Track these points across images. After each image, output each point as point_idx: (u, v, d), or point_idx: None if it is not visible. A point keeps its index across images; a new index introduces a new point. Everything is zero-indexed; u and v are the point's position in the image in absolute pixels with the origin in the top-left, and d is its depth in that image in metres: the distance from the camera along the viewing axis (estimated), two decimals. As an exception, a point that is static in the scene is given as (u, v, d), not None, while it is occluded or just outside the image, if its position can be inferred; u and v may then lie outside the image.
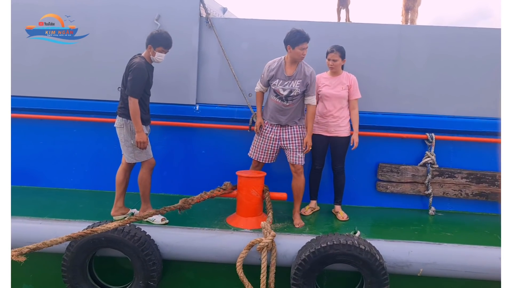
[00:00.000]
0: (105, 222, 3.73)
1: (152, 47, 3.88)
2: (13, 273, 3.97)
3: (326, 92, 4.34)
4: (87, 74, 4.86)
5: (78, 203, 4.56)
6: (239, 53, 4.78)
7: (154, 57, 3.93)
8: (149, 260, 3.62)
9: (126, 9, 4.78)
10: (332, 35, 4.64)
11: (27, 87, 4.90)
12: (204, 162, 4.83)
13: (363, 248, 3.47)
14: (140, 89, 3.80)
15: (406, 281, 3.76)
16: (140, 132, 3.79)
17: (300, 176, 4.20)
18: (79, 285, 3.74)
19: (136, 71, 3.77)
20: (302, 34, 3.89)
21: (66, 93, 4.89)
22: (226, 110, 4.81)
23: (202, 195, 3.96)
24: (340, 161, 4.44)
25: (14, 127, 4.89)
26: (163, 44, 3.87)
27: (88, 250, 3.69)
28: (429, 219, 4.53)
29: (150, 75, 3.97)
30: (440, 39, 4.59)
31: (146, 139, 3.82)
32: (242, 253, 3.64)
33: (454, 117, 4.64)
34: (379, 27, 4.67)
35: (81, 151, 4.99)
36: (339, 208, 4.51)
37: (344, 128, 4.36)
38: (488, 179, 4.59)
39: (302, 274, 3.53)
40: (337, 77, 4.36)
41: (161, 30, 3.96)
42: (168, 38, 3.90)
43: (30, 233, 3.85)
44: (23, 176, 5.04)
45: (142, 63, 3.83)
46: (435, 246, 3.75)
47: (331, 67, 4.30)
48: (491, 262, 3.62)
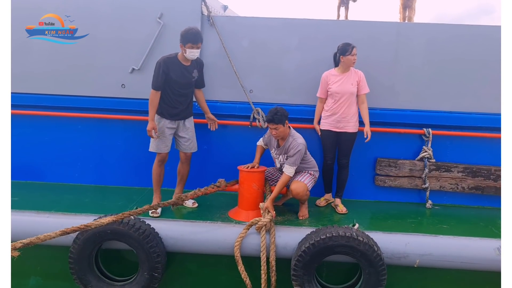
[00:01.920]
0: (110, 215, 3.81)
1: (183, 45, 4.00)
2: (21, 266, 4.13)
3: (337, 88, 4.39)
4: (91, 71, 4.92)
5: (84, 198, 4.65)
6: (240, 50, 4.84)
7: (186, 54, 4.04)
8: (153, 252, 3.72)
9: (129, 9, 4.83)
10: (332, 32, 4.73)
11: (33, 84, 4.97)
12: (206, 156, 4.91)
13: (361, 240, 3.56)
14: (156, 82, 4.00)
15: (403, 272, 3.85)
16: (150, 120, 3.99)
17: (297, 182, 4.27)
18: (85, 276, 3.83)
19: (155, 66, 4.05)
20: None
21: (71, 90, 4.96)
22: (228, 106, 4.89)
23: (196, 191, 4.02)
24: (346, 156, 4.53)
25: (21, 124, 5.02)
26: (191, 40, 3.97)
27: (94, 243, 3.79)
28: (426, 212, 4.62)
29: (174, 71, 4.07)
30: (437, 36, 4.66)
31: (151, 128, 3.96)
32: (241, 233, 3.78)
33: (451, 113, 4.72)
34: (377, 25, 4.74)
35: (86, 147, 5.07)
36: (339, 201, 4.61)
37: (352, 124, 4.44)
38: (484, 173, 4.67)
39: (302, 265, 3.63)
40: (347, 74, 4.42)
41: (189, 28, 4.02)
42: (195, 33, 3.98)
43: (38, 226, 3.92)
44: (30, 172, 5.13)
45: (162, 59, 4.03)
46: (431, 238, 3.84)
47: (354, 62, 4.34)
48: (486, 253, 3.73)
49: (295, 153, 4.06)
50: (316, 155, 4.61)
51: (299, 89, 4.82)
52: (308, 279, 3.69)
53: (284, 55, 4.82)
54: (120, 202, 4.50)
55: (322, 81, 4.51)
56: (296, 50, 4.80)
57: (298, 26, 4.79)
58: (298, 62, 4.81)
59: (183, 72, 4.14)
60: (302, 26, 4.79)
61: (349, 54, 4.29)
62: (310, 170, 4.34)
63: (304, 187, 4.16)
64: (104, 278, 3.97)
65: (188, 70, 4.18)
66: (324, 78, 4.50)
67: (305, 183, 4.19)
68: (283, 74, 4.85)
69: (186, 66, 4.15)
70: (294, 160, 4.07)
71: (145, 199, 4.52)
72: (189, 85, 4.25)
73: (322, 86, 4.52)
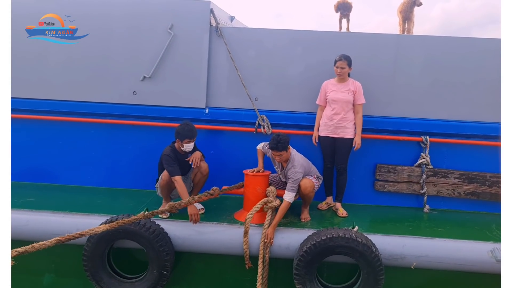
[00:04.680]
0: (122, 216, 4.00)
1: (180, 141, 4.28)
2: (36, 263, 4.34)
3: (333, 96, 4.61)
4: (105, 79, 5.12)
5: (96, 199, 4.84)
6: (246, 60, 5.03)
7: (183, 148, 4.32)
8: (163, 251, 3.90)
9: (141, 20, 5.03)
10: (334, 43, 4.93)
11: (49, 91, 5.16)
12: (213, 161, 5.05)
13: (360, 241, 3.73)
14: (174, 170, 4.20)
15: (400, 274, 4.00)
16: (190, 206, 4.11)
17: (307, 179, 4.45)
18: (98, 273, 4.00)
19: (165, 160, 4.26)
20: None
21: (85, 97, 5.14)
22: (234, 113, 5.07)
23: (190, 200, 4.11)
24: (343, 161, 4.70)
25: (37, 128, 5.23)
26: (188, 136, 4.27)
27: (107, 241, 3.97)
28: (424, 217, 4.77)
29: (181, 161, 4.36)
30: (435, 48, 4.84)
31: (194, 212, 4.11)
32: (256, 207, 4.07)
33: (448, 121, 4.88)
34: (378, 36, 4.93)
35: (98, 151, 5.25)
36: (339, 205, 4.78)
37: (349, 130, 4.62)
38: (479, 179, 4.83)
39: (304, 265, 3.79)
40: (344, 83, 4.63)
41: (184, 124, 4.31)
42: (191, 129, 4.30)
43: (53, 225, 4.13)
44: (46, 174, 5.31)
45: (169, 152, 4.30)
46: (427, 241, 4.00)
47: (339, 74, 4.57)
48: (480, 255, 3.87)
49: (293, 181, 4.23)
50: (318, 159, 4.80)
51: (302, 97, 5.00)
52: (309, 278, 3.85)
53: (288, 65, 5.02)
54: (130, 204, 4.68)
55: (322, 89, 4.74)
56: (299, 60, 4.99)
57: (302, 37, 4.99)
58: (301, 72, 5.00)
59: (183, 158, 4.40)
60: (305, 38, 4.99)
61: (334, 65, 4.56)
62: (314, 175, 4.54)
63: (312, 184, 4.35)
64: (115, 275, 4.13)
65: (185, 157, 4.43)
66: (323, 86, 4.72)
67: (313, 181, 4.39)
68: (287, 83, 5.04)
69: (183, 155, 4.42)
70: (293, 187, 4.23)
71: (154, 202, 4.69)
72: (188, 167, 4.52)
73: (321, 94, 4.74)
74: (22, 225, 4.13)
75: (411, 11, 5.29)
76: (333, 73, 4.67)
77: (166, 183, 4.30)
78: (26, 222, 4.16)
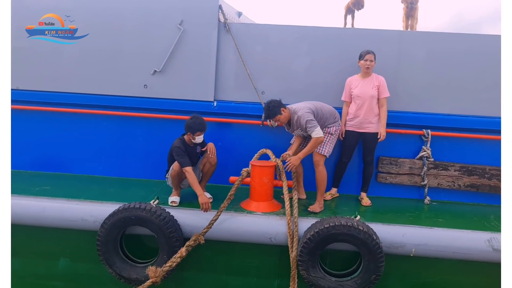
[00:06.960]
0: (134, 203, 4.19)
1: (191, 134, 4.46)
2: (51, 248, 4.53)
3: (358, 92, 4.73)
4: (116, 73, 5.27)
5: (109, 188, 5.01)
6: (253, 54, 5.17)
7: (195, 140, 4.51)
8: (172, 237, 4.07)
9: (152, 17, 5.17)
10: (339, 39, 5.05)
11: (63, 84, 5.33)
12: (220, 153, 5.21)
13: (361, 229, 3.88)
14: (185, 161, 4.37)
15: (400, 262, 4.14)
16: (200, 195, 4.29)
17: (317, 168, 4.61)
18: (111, 258, 4.19)
19: (175, 151, 4.42)
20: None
21: (98, 90, 5.31)
22: (241, 107, 5.21)
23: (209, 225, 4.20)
24: (370, 153, 4.84)
25: (52, 120, 5.42)
26: (199, 129, 4.46)
27: (120, 227, 4.15)
28: (424, 208, 4.89)
29: (190, 152, 4.55)
30: (437, 44, 4.95)
31: (205, 201, 4.28)
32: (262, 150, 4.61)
33: (449, 115, 4.99)
34: (381, 32, 5.04)
35: (110, 142, 5.42)
36: (365, 195, 4.94)
37: (374, 125, 4.74)
38: (479, 172, 4.95)
39: (308, 252, 3.96)
40: (368, 78, 4.74)
41: (194, 118, 4.48)
42: (202, 123, 4.48)
43: (68, 212, 4.33)
44: (60, 164, 5.50)
45: (179, 144, 4.47)
46: (426, 230, 4.13)
47: (367, 67, 4.65)
48: (477, 244, 4.00)
49: (307, 121, 4.37)
50: (332, 154, 4.84)
51: (307, 91, 5.12)
52: (312, 265, 4.01)
53: (294, 59, 5.14)
54: (141, 193, 4.86)
55: (346, 85, 4.85)
56: (305, 55, 5.12)
57: (308, 33, 5.12)
58: (307, 66, 5.13)
59: (192, 149, 4.59)
60: (311, 33, 5.12)
61: (362, 59, 4.65)
62: (329, 127, 4.64)
63: (324, 176, 4.58)
64: (127, 259, 4.30)
65: (194, 149, 4.64)
66: (347, 82, 4.84)
67: (324, 154, 4.56)
68: (293, 77, 5.17)
69: (192, 147, 4.60)
70: (311, 126, 4.36)
71: (165, 191, 4.85)
72: (197, 158, 4.73)
73: (346, 90, 4.86)
74: (39, 212, 4.33)
75: (412, 8, 5.37)
76: (338, 68, 4.78)
77: (177, 174, 4.47)
78: (42, 209, 4.35)
